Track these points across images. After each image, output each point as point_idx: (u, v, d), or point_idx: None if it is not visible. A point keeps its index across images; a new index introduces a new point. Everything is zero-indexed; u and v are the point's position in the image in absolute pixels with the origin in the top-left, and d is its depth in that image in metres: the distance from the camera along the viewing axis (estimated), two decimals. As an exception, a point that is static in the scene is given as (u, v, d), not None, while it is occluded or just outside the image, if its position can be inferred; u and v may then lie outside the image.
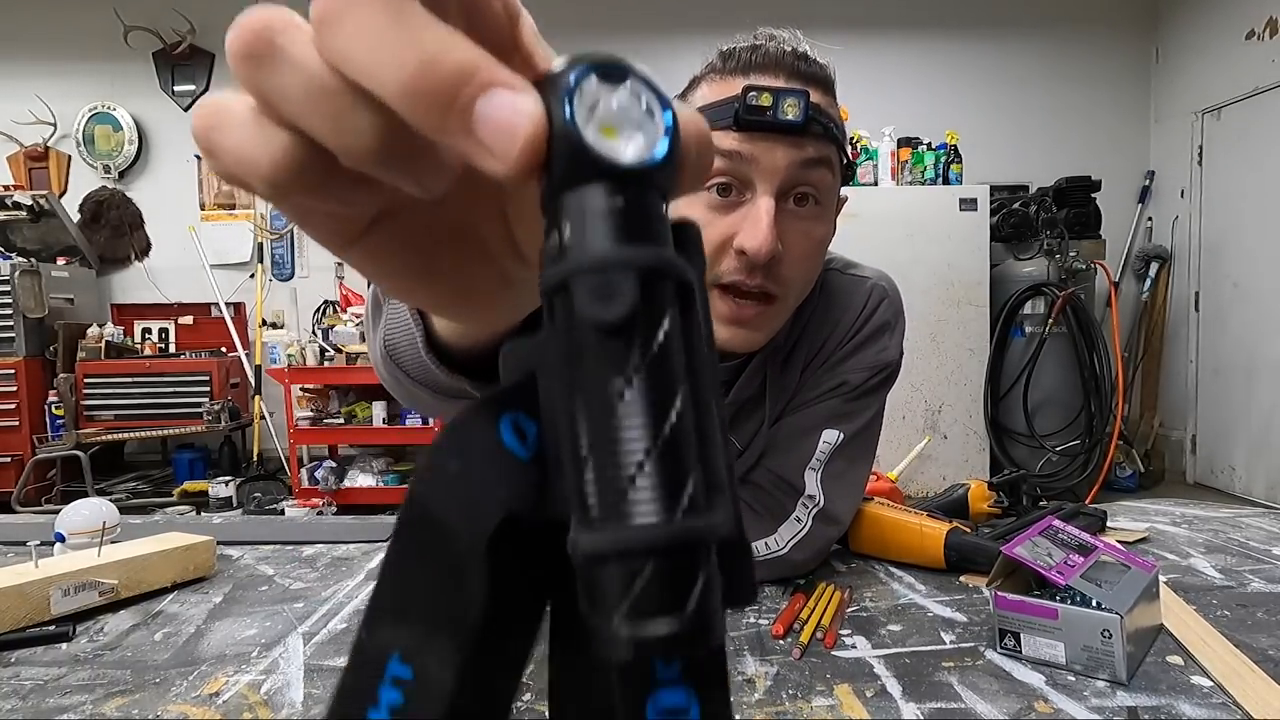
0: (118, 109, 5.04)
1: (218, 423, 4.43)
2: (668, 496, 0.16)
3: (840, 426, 0.82)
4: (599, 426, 0.16)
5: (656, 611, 0.16)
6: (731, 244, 0.71)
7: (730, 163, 0.70)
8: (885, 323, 0.84)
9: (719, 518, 0.17)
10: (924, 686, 0.57)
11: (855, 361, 0.83)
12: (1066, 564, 0.63)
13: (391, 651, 0.19)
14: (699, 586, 0.16)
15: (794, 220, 0.72)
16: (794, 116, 0.67)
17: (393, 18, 0.17)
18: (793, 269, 0.73)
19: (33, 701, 0.57)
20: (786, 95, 0.68)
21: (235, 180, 0.20)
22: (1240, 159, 4.35)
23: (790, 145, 0.69)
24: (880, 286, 0.86)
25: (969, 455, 4.12)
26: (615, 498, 0.16)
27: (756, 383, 0.84)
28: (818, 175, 0.71)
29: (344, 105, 0.18)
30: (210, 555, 0.85)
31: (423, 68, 0.17)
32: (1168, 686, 0.56)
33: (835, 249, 0.90)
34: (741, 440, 0.87)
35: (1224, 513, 1.07)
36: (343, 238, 0.23)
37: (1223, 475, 4.47)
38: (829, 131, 0.71)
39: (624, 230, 0.17)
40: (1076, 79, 5.02)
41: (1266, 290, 4.15)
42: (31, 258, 4.54)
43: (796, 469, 0.82)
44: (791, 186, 0.71)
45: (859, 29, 4.98)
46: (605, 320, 0.16)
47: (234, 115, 0.20)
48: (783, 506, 0.82)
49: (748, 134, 0.69)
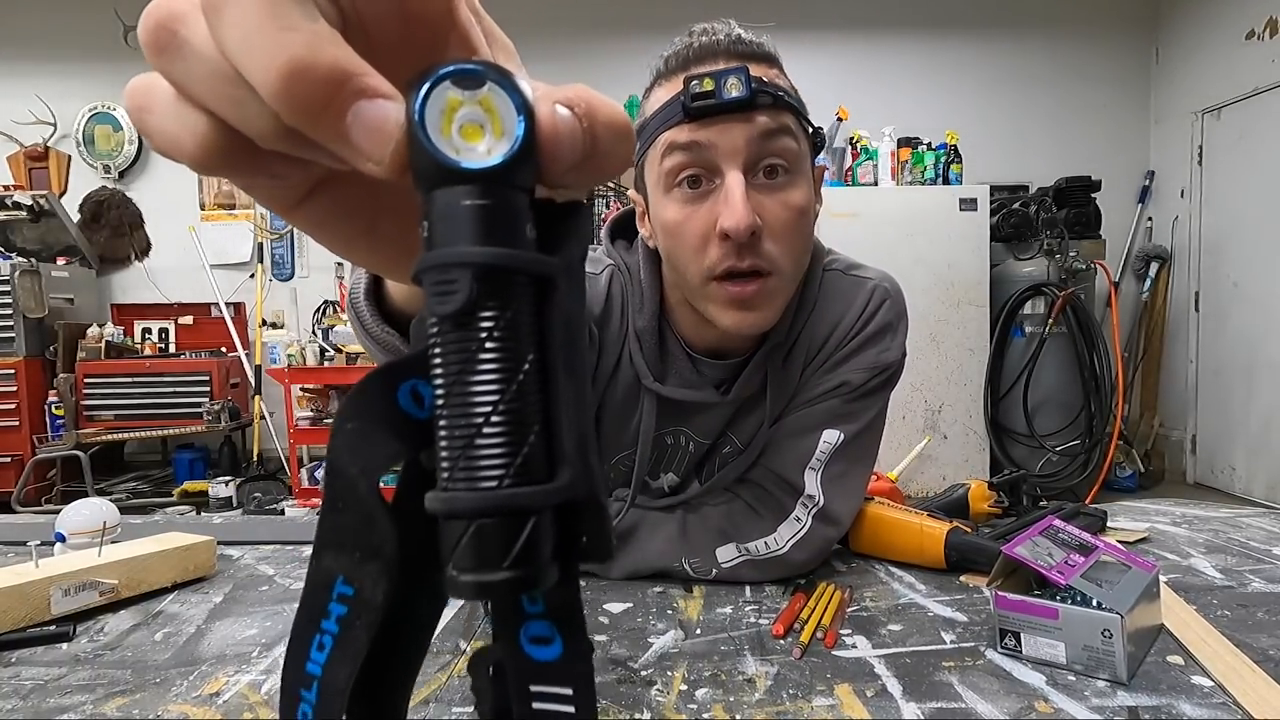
0: (118, 109, 5.04)
1: (218, 423, 4.43)
2: (497, 469, 0.19)
3: (840, 427, 0.82)
4: (447, 401, 0.19)
5: (475, 566, 0.19)
6: (715, 231, 0.71)
7: (691, 154, 0.71)
8: (887, 324, 0.84)
9: (559, 484, 0.20)
10: (924, 686, 0.57)
11: (856, 362, 0.83)
12: (1067, 564, 0.63)
13: (336, 574, 0.23)
14: (519, 546, 0.19)
15: (768, 193, 0.72)
16: (739, 93, 0.68)
17: (267, 13, 0.18)
18: (778, 241, 0.73)
19: (33, 701, 0.57)
20: (727, 75, 0.69)
21: (169, 157, 0.21)
22: (1240, 159, 4.36)
23: (743, 122, 0.70)
24: (883, 288, 0.85)
25: (969, 455, 4.12)
26: (452, 466, 0.19)
27: (757, 380, 0.84)
28: (780, 144, 0.72)
29: (241, 92, 0.19)
30: (210, 555, 0.85)
31: (292, 71, 0.17)
32: (1168, 686, 0.56)
33: (835, 249, 0.90)
34: (742, 438, 0.87)
35: (1224, 513, 1.07)
36: (284, 203, 0.24)
37: (1223, 475, 4.47)
38: (780, 100, 0.71)
39: (472, 229, 0.19)
40: (1076, 79, 5.02)
41: (1266, 290, 4.15)
42: (31, 258, 4.54)
43: (796, 468, 0.82)
44: (757, 160, 0.72)
45: (859, 29, 4.98)
46: (443, 313, 0.19)
47: (159, 97, 0.20)
48: (782, 506, 0.82)
49: (700, 122, 0.70)
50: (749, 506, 0.83)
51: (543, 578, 0.20)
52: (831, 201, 4.06)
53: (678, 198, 0.73)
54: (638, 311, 0.83)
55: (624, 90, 4.81)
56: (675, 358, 0.84)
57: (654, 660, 0.62)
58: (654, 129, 0.74)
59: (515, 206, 0.20)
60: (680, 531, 0.83)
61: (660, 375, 0.84)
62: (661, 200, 0.75)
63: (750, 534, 0.81)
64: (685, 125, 0.71)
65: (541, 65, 4.96)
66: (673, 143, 0.71)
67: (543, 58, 4.96)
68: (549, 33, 4.94)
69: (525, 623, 0.23)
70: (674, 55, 0.74)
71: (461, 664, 0.62)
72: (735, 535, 0.81)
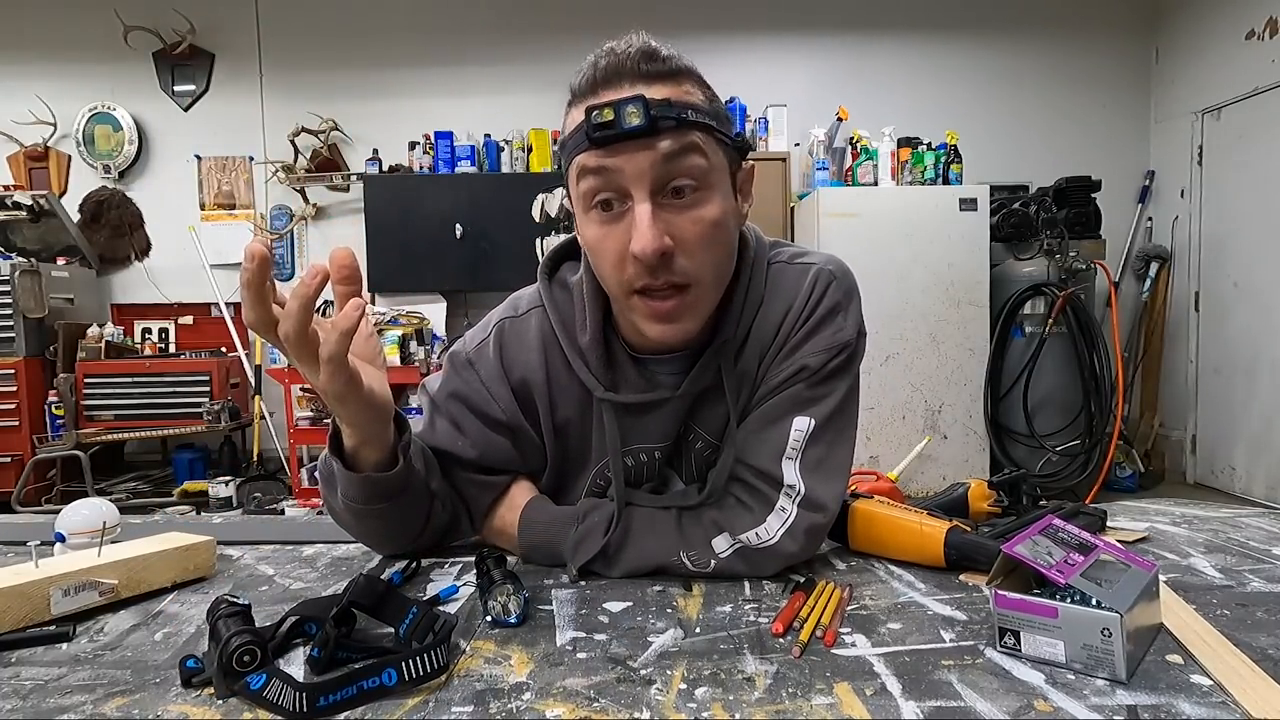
0: (118, 109, 5.04)
1: (218, 423, 4.44)
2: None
3: (808, 412, 0.83)
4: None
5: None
6: (628, 252, 0.74)
7: (600, 178, 0.74)
8: (836, 304, 0.85)
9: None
10: (924, 685, 0.57)
11: (811, 345, 0.84)
12: (1066, 563, 0.63)
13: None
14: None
15: (677, 212, 0.75)
16: (638, 122, 0.71)
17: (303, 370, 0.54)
18: (692, 257, 0.75)
19: (33, 701, 0.57)
20: (625, 105, 0.71)
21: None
22: (1240, 159, 4.36)
23: (644, 148, 0.72)
24: (827, 270, 0.87)
25: (969, 455, 4.12)
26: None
27: (710, 374, 0.86)
28: (686, 164, 0.74)
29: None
30: (210, 555, 0.85)
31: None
32: (1167, 685, 0.56)
33: (834, 248, 0.91)
34: (710, 429, 0.89)
35: (1224, 513, 1.07)
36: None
37: (1223, 475, 4.47)
38: (685, 120, 0.73)
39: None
40: (1076, 79, 5.02)
41: (1266, 290, 4.15)
42: (31, 258, 4.54)
43: (773, 459, 0.83)
44: (664, 182, 0.74)
45: (859, 29, 4.98)
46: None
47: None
48: (767, 497, 0.82)
49: (604, 149, 0.73)
50: (738, 501, 0.84)
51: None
52: (831, 201, 4.06)
53: (594, 219, 0.76)
54: (581, 330, 0.86)
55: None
56: (623, 365, 0.87)
57: (653, 659, 0.63)
58: (569, 151, 0.77)
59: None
60: (676, 526, 0.83)
61: (611, 385, 0.86)
62: (583, 219, 0.79)
63: (741, 526, 0.81)
64: (593, 151, 0.73)
65: (536, 67, 4.96)
66: (584, 166, 0.75)
67: (536, 59, 4.97)
68: (550, 33, 4.94)
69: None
70: (582, 79, 0.76)
71: (462, 664, 0.62)
72: (728, 527, 0.82)
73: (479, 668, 0.61)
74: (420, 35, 5.05)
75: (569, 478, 0.93)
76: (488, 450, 0.89)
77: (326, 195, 5.15)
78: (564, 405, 0.89)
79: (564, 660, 0.62)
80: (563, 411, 0.89)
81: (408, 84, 5.07)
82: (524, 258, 4.29)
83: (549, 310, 0.89)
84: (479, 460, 0.89)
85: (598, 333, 0.86)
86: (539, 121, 4.81)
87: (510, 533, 0.87)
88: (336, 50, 5.05)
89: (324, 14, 5.05)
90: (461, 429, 0.89)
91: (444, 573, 0.85)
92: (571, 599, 0.76)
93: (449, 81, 5.06)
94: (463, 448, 0.88)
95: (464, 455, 0.89)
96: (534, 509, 0.88)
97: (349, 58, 5.05)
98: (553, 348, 0.89)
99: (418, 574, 0.84)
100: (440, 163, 4.85)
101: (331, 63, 5.05)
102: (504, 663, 0.62)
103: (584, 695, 0.57)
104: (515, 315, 0.91)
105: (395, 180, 4.85)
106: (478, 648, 0.65)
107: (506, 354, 0.89)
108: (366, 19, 5.05)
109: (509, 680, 0.59)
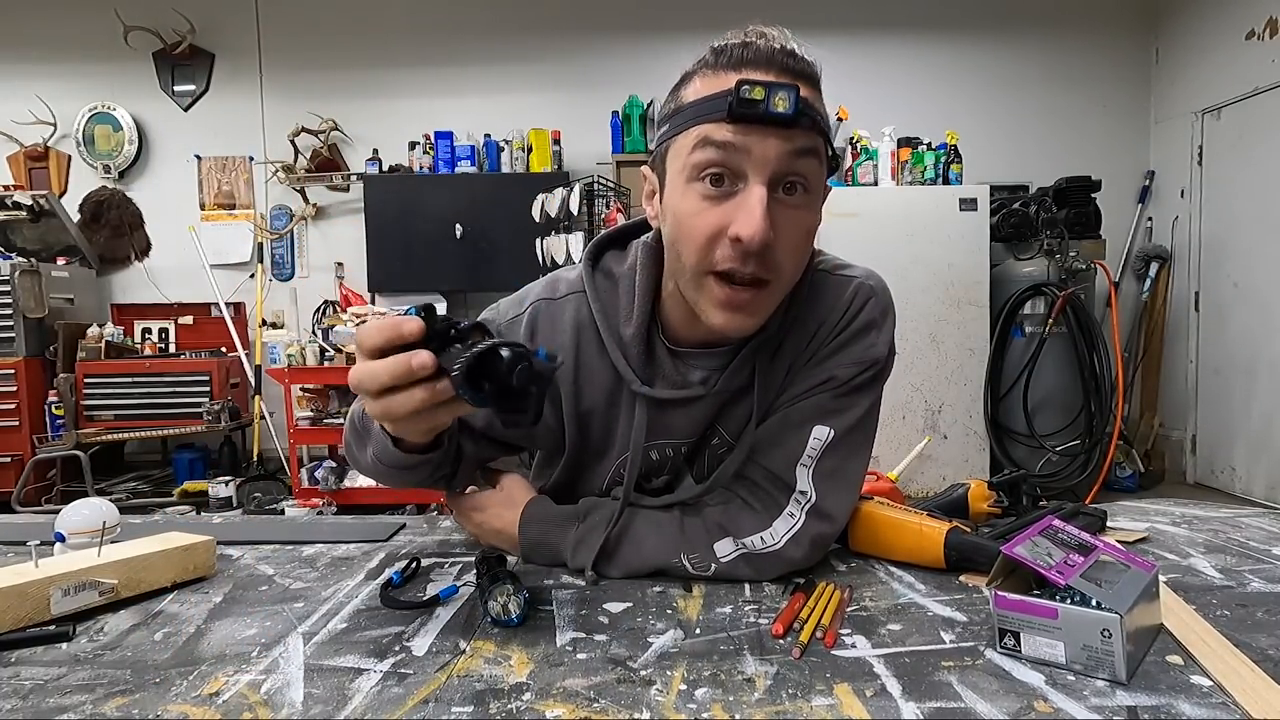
0: (118, 109, 5.04)
1: (218, 423, 4.43)
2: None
3: (829, 423, 0.83)
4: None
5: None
6: (726, 232, 0.73)
7: (724, 153, 0.72)
8: (872, 320, 0.86)
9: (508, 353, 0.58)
10: (924, 686, 0.57)
11: (842, 357, 0.85)
12: (1066, 563, 0.63)
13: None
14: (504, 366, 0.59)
15: (785, 208, 0.74)
16: (785, 109, 0.70)
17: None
18: (785, 255, 0.75)
19: (33, 701, 0.57)
20: (778, 89, 0.70)
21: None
22: (1240, 159, 4.36)
23: (781, 137, 0.72)
24: (867, 285, 0.87)
25: (969, 455, 4.12)
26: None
27: (745, 373, 0.85)
28: (806, 165, 0.74)
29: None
30: (210, 555, 0.85)
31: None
32: (1167, 686, 0.56)
33: (834, 248, 0.91)
34: (731, 432, 0.89)
35: (1224, 513, 1.07)
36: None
37: (1223, 475, 4.47)
38: (817, 124, 0.74)
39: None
40: (1076, 79, 5.02)
41: (1266, 290, 4.15)
42: (31, 258, 4.54)
43: (787, 464, 0.83)
44: (782, 176, 0.73)
45: (859, 29, 4.98)
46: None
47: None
48: (776, 502, 0.82)
49: (740, 126, 0.71)
50: (745, 503, 0.84)
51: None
52: (831, 201, 3.97)
53: (698, 190, 0.74)
54: (625, 320, 0.86)
55: (623, 91, 4.82)
56: (660, 359, 0.87)
57: (653, 660, 0.63)
58: (690, 117, 0.74)
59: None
60: (678, 528, 0.83)
61: (648, 379, 0.86)
62: (681, 188, 0.76)
63: (746, 529, 0.81)
64: (726, 125, 0.72)
65: (536, 67, 4.97)
66: (709, 138, 0.73)
67: (536, 59, 4.97)
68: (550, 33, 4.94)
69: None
70: (726, 51, 0.75)
71: (462, 664, 0.62)
72: (732, 530, 0.82)
73: (479, 668, 0.61)
74: (420, 35, 5.05)
75: (587, 467, 0.93)
76: (495, 421, 0.89)
77: (326, 195, 5.15)
78: (590, 394, 0.88)
79: (564, 661, 0.62)
80: (588, 400, 0.89)
81: (408, 84, 5.07)
82: (524, 258, 4.28)
83: (590, 298, 0.88)
84: (485, 430, 0.89)
85: (642, 326, 0.85)
86: (539, 121, 4.81)
87: (510, 532, 0.87)
88: (336, 50, 5.05)
89: (324, 14, 5.05)
90: None
91: (444, 573, 0.85)
92: (571, 599, 0.76)
93: (449, 81, 5.06)
94: (472, 414, 0.88)
95: (472, 423, 0.88)
96: (535, 508, 0.88)
97: (349, 58, 5.05)
98: (587, 335, 0.88)
99: (418, 574, 0.84)
100: (440, 163, 4.85)
101: (331, 63, 5.05)
102: (504, 663, 0.62)
103: (584, 696, 0.57)
104: (552, 298, 0.90)
105: (395, 180, 4.85)
106: (478, 648, 0.65)
107: (538, 334, 0.89)
108: (366, 19, 5.05)
109: (509, 680, 0.59)
